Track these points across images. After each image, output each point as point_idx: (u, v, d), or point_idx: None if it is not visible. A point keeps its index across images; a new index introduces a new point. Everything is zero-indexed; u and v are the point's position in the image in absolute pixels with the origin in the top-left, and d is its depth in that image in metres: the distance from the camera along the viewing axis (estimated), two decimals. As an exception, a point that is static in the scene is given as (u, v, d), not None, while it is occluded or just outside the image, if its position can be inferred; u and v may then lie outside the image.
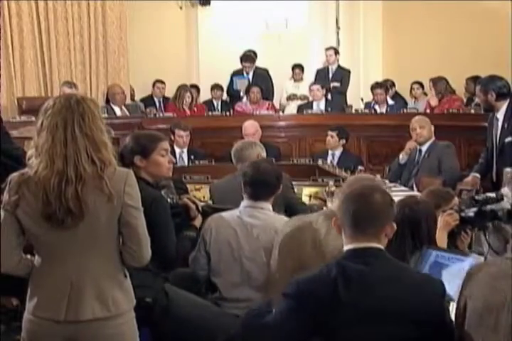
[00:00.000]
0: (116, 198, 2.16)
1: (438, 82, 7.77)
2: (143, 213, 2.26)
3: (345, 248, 2.19)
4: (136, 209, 2.23)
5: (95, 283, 2.20)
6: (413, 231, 2.82)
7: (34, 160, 2.17)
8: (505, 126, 4.69)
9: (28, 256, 2.28)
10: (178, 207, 3.04)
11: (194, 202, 3.11)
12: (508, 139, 4.68)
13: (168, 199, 3.05)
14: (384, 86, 8.16)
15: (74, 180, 2.12)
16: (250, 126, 6.05)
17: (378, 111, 7.91)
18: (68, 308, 2.17)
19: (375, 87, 8.10)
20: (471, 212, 3.28)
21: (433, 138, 5.52)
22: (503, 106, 4.71)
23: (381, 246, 2.18)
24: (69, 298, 2.18)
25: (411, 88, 8.60)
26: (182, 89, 7.83)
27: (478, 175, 4.83)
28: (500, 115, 4.73)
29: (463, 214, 3.32)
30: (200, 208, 3.11)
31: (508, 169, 4.22)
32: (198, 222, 3.11)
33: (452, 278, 2.35)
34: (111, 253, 2.24)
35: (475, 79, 7.28)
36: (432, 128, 5.54)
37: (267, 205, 3.22)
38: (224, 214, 3.25)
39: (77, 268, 2.19)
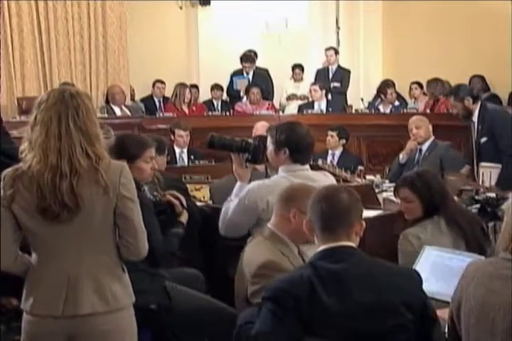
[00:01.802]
0: (112, 190, 2.15)
1: (431, 83, 7.80)
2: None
3: (318, 249, 2.20)
4: (132, 201, 2.22)
5: (93, 276, 2.19)
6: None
7: (27, 154, 2.15)
8: (480, 127, 5.00)
9: (26, 255, 2.27)
10: (162, 205, 3.02)
11: (177, 198, 3.08)
12: (483, 139, 4.99)
13: (152, 197, 3.03)
14: (394, 85, 8.20)
15: (68, 174, 2.11)
16: (261, 127, 6.04)
17: (382, 111, 7.91)
18: (66, 303, 2.16)
19: (388, 86, 8.11)
20: (473, 209, 3.29)
21: (432, 138, 5.54)
22: (476, 110, 5.03)
23: (353, 244, 2.20)
24: (66, 293, 2.16)
25: (410, 88, 8.61)
26: (180, 86, 7.78)
27: None
28: (474, 118, 5.05)
29: None
30: (184, 203, 3.07)
31: (482, 163, 4.73)
32: (184, 218, 3.08)
33: (452, 278, 2.34)
34: (108, 247, 2.22)
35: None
36: (430, 127, 5.55)
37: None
38: (267, 181, 3.24)
39: (74, 262, 2.18)
